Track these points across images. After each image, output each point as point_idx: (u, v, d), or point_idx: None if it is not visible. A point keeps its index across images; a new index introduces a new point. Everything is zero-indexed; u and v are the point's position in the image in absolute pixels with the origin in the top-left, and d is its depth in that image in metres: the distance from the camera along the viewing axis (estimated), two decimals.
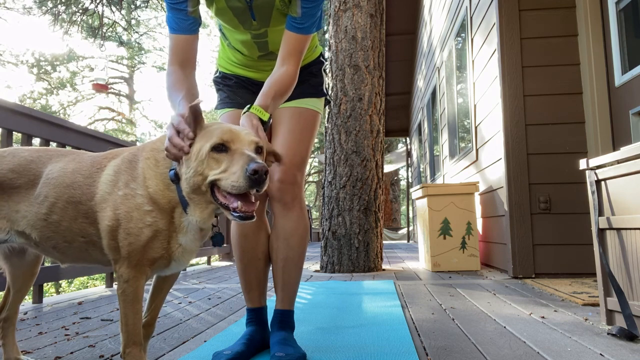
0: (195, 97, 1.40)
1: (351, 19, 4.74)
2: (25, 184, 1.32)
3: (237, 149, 1.11)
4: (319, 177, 26.11)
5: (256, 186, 1.06)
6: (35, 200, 1.29)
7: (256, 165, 1.05)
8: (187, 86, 1.40)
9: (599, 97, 3.40)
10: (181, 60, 1.46)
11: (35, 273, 1.55)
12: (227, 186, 1.08)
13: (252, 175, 1.05)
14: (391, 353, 1.59)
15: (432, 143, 8.52)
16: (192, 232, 1.22)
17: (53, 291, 10.03)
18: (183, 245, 1.23)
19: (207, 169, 1.11)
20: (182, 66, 1.45)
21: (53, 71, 22.18)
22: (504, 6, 3.68)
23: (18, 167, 1.33)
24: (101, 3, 12.13)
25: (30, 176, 1.32)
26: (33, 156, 1.36)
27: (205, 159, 1.12)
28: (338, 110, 4.65)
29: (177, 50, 1.47)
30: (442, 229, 4.28)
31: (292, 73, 1.51)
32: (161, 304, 1.40)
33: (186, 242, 1.23)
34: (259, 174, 1.05)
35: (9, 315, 1.50)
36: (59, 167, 1.32)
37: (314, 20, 1.52)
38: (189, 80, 1.44)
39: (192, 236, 1.23)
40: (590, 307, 2.33)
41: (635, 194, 1.71)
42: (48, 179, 1.30)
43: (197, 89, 1.47)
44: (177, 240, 1.21)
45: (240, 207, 1.09)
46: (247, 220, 1.10)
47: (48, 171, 1.32)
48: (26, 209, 1.30)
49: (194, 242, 1.24)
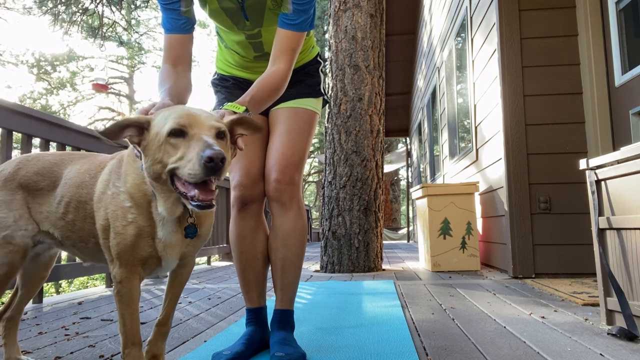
0: (181, 90, 1.37)
1: (351, 19, 4.74)
2: (48, 185, 1.37)
3: (194, 134, 1.06)
4: (319, 177, 26.10)
5: (213, 174, 1.01)
6: (55, 201, 1.34)
7: (211, 152, 0.99)
8: (174, 80, 1.39)
9: (599, 97, 3.40)
10: (174, 59, 1.45)
11: (46, 276, 1.57)
12: (185, 175, 1.03)
13: (208, 163, 0.99)
14: (391, 353, 1.59)
15: (432, 143, 8.52)
16: (168, 225, 1.19)
17: (53, 291, 10.03)
18: (162, 240, 1.19)
19: (166, 156, 1.07)
20: (174, 64, 1.45)
21: (53, 71, 22.18)
22: (504, 6, 3.68)
23: (42, 170, 1.39)
24: (101, 3, 12.13)
25: (52, 178, 1.37)
26: (56, 159, 1.42)
27: (162, 145, 1.07)
28: (338, 110, 4.65)
29: (170, 49, 1.47)
30: (442, 229, 4.28)
31: (283, 71, 1.48)
32: (173, 304, 1.38)
33: (164, 236, 1.19)
34: (215, 162, 1.00)
35: (13, 315, 1.51)
36: (75, 169, 1.36)
37: (307, 18, 1.51)
38: (179, 76, 1.42)
39: (170, 229, 1.19)
40: (590, 307, 2.33)
41: (635, 194, 1.71)
42: (66, 180, 1.34)
43: (189, 86, 1.44)
44: (157, 235, 1.19)
45: (198, 195, 1.04)
46: (206, 209, 1.05)
47: (67, 172, 1.37)
48: (48, 210, 1.35)
49: (172, 235, 1.20)
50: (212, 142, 1.04)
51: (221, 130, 1.12)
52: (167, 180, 1.09)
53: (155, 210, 1.18)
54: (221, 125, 1.13)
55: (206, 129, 1.08)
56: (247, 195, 1.65)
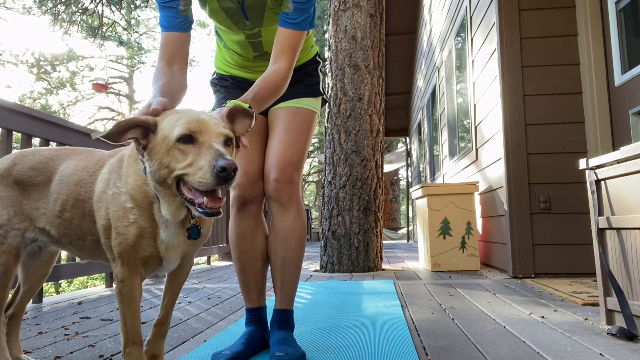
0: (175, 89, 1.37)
1: (351, 19, 4.74)
2: (44, 181, 1.35)
3: (204, 142, 1.06)
4: (319, 177, 26.10)
5: (224, 183, 1.02)
6: (51, 197, 1.32)
7: (225, 163, 1.00)
8: (169, 78, 1.38)
9: (599, 97, 3.40)
10: (170, 58, 1.44)
11: (47, 274, 1.56)
12: (194, 182, 1.03)
13: (221, 172, 1.00)
14: (391, 353, 1.59)
15: (432, 143, 8.52)
16: (172, 227, 1.19)
17: (53, 291, 10.04)
18: (165, 242, 1.19)
19: (173, 162, 1.06)
20: (169, 63, 1.44)
21: (53, 71, 22.18)
22: (504, 6, 3.68)
23: (38, 165, 1.37)
24: (101, 3, 12.13)
25: (48, 174, 1.35)
26: (52, 154, 1.40)
27: (170, 150, 1.06)
28: (338, 110, 4.65)
29: (166, 47, 1.46)
30: (442, 229, 4.28)
31: (284, 71, 1.48)
32: (172, 304, 1.38)
33: (167, 238, 1.19)
34: (227, 172, 1.00)
35: (16, 313, 1.51)
36: (72, 165, 1.34)
37: (307, 17, 1.51)
38: (174, 75, 1.41)
39: (173, 231, 1.19)
40: (590, 307, 2.33)
41: (635, 194, 1.71)
42: (62, 177, 1.32)
43: (184, 85, 1.43)
44: (160, 237, 1.19)
45: (207, 203, 1.04)
46: (213, 216, 1.06)
47: (63, 169, 1.34)
48: (44, 207, 1.33)
49: (175, 238, 1.20)
50: (224, 152, 1.04)
51: (229, 137, 1.13)
52: (173, 186, 1.09)
53: (157, 212, 1.18)
54: (229, 133, 1.14)
55: (215, 137, 1.08)
56: (247, 195, 1.65)
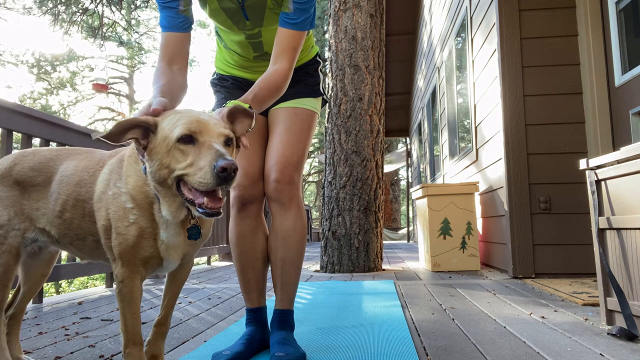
0: (175, 89, 1.36)
1: (351, 19, 4.74)
2: (44, 181, 1.35)
3: (204, 142, 1.06)
4: (319, 177, 26.10)
5: (224, 183, 1.02)
6: (51, 197, 1.32)
7: (225, 163, 1.00)
8: (169, 78, 1.38)
9: (599, 97, 3.40)
10: (170, 57, 1.44)
11: (47, 274, 1.56)
12: (194, 182, 1.04)
13: (221, 172, 1.00)
14: (391, 353, 1.59)
15: (432, 143, 8.52)
16: (172, 227, 1.19)
17: (53, 291, 10.04)
18: (165, 242, 1.19)
19: (173, 162, 1.07)
20: (169, 63, 1.44)
21: (53, 71, 22.18)
22: (504, 6, 3.68)
23: (38, 165, 1.37)
24: (101, 3, 12.13)
25: (48, 174, 1.35)
26: (52, 154, 1.40)
27: (170, 150, 1.07)
28: (338, 110, 4.65)
29: (166, 47, 1.46)
30: (442, 229, 4.28)
31: (284, 70, 1.48)
32: (172, 304, 1.38)
33: (167, 238, 1.19)
34: (227, 172, 1.01)
35: (16, 312, 1.51)
36: (72, 165, 1.34)
37: (307, 17, 1.51)
38: (174, 75, 1.41)
39: (173, 231, 1.20)
40: (590, 307, 2.33)
41: (635, 194, 1.71)
42: (62, 177, 1.32)
43: (184, 85, 1.43)
44: (160, 237, 1.19)
45: (207, 203, 1.04)
46: (213, 216, 1.06)
47: (63, 168, 1.34)
48: (44, 207, 1.33)
49: (175, 238, 1.20)
50: (224, 152, 1.04)
51: (229, 137, 1.13)
52: (173, 186, 1.09)
53: (157, 212, 1.18)
54: (229, 133, 1.14)
55: (215, 137, 1.09)
56: (247, 195, 1.65)
